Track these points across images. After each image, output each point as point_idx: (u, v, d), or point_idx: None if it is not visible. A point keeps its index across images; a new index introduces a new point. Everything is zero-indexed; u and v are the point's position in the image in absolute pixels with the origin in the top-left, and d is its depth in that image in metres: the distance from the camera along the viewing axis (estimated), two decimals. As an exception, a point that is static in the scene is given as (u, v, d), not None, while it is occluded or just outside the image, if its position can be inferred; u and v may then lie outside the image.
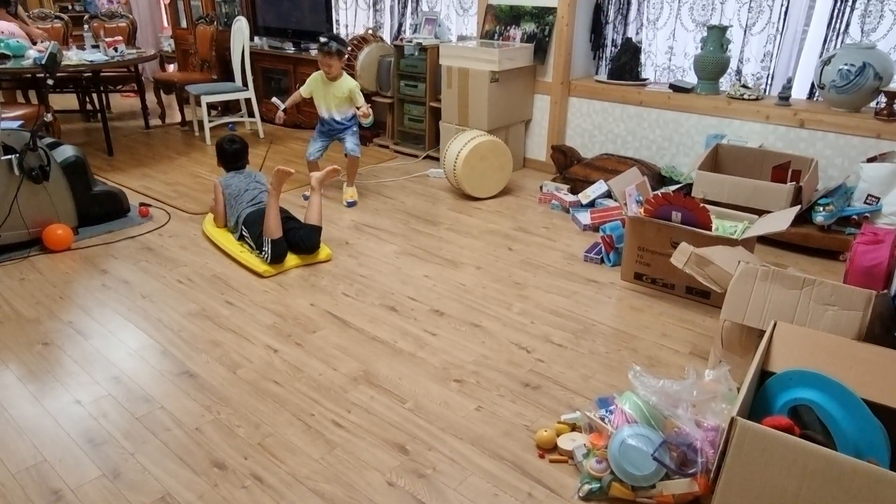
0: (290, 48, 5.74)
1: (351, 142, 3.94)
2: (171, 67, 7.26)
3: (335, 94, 3.85)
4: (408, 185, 4.32)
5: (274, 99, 4.09)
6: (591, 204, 3.75)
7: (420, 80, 4.80)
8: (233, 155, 3.47)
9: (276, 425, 2.02)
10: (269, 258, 3.00)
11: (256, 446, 1.93)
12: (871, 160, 3.23)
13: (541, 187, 4.13)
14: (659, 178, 3.87)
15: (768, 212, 2.92)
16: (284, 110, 3.99)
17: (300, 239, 3.09)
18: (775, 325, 1.90)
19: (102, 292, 2.85)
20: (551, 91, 4.44)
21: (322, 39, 3.77)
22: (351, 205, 3.91)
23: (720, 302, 2.19)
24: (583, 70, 4.49)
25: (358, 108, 3.79)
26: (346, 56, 3.86)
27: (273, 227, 2.99)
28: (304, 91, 3.93)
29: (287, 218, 3.16)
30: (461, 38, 4.96)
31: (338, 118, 3.92)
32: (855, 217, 3.15)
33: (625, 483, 1.71)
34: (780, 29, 3.69)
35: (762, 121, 3.65)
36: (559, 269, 3.12)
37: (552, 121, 4.51)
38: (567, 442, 1.90)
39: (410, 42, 4.78)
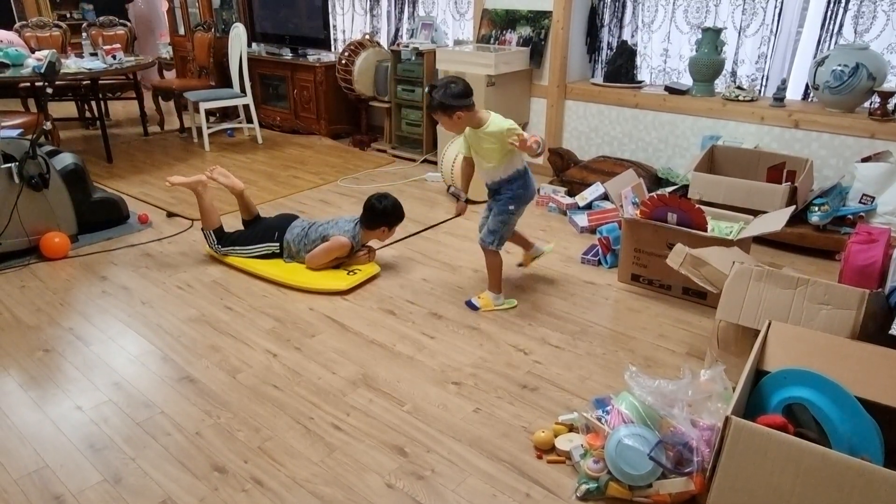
0: (287, 54, 5.77)
1: (486, 226, 2.77)
2: (170, 74, 7.28)
3: (484, 147, 2.63)
4: (406, 189, 4.33)
5: (451, 189, 3.14)
6: (588, 206, 3.77)
7: (417, 84, 4.82)
8: (382, 212, 3.02)
9: (276, 429, 2.03)
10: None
11: (256, 450, 1.94)
12: (865, 160, 3.25)
13: (538, 190, 4.14)
14: (655, 180, 3.89)
15: (764, 212, 2.93)
16: (466, 200, 2.85)
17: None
18: (770, 324, 1.91)
19: (103, 299, 2.86)
20: (547, 94, 4.46)
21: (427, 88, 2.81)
22: (470, 305, 2.81)
23: (716, 302, 2.20)
24: (579, 73, 4.51)
25: (513, 141, 2.49)
26: (464, 107, 2.54)
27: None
28: (463, 150, 2.77)
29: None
30: (458, 42, 4.99)
31: (491, 180, 2.71)
32: (850, 217, 3.16)
33: (622, 483, 1.72)
34: (774, 30, 3.71)
35: (757, 122, 3.67)
36: (556, 272, 3.14)
37: (549, 124, 4.53)
38: (564, 442, 1.91)
39: (407, 47, 4.80)
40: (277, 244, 3.11)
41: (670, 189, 3.61)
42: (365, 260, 3.14)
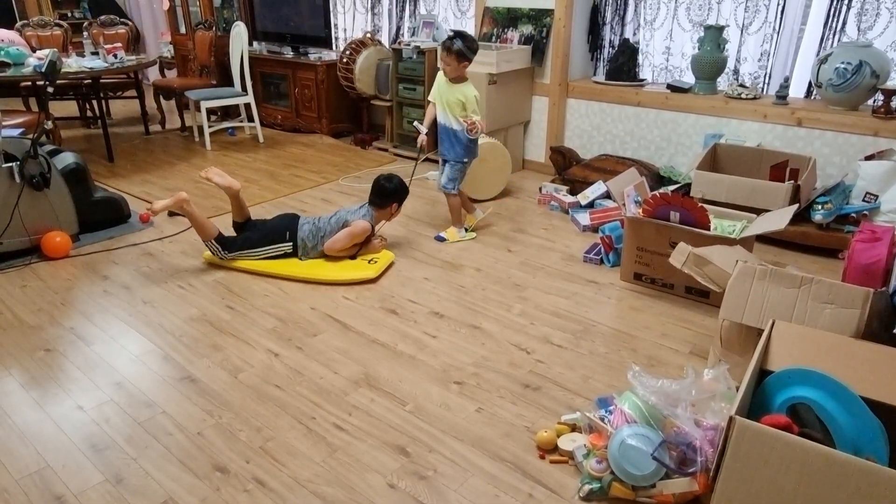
0: (288, 53, 5.76)
1: (445, 175, 3.45)
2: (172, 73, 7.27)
3: (451, 100, 3.31)
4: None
5: (415, 123, 3.52)
6: (591, 205, 3.76)
7: (419, 83, 4.81)
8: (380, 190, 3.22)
9: (278, 429, 2.03)
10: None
11: (258, 450, 1.94)
12: (868, 158, 3.24)
13: (540, 189, 4.13)
14: (657, 179, 3.88)
15: (767, 211, 2.92)
16: (427, 133, 3.46)
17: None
18: (774, 323, 1.91)
19: (104, 298, 2.86)
20: (549, 93, 4.45)
21: (449, 33, 3.28)
22: (439, 239, 3.48)
23: (719, 301, 2.19)
24: (580, 71, 4.50)
25: (466, 118, 3.24)
26: (470, 61, 3.24)
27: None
28: (431, 95, 3.44)
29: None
30: (459, 40, 4.97)
31: (446, 124, 3.36)
32: (853, 215, 3.15)
33: (625, 483, 1.71)
34: (777, 28, 3.69)
35: (760, 120, 3.66)
36: (559, 271, 3.13)
37: (551, 122, 4.52)
38: (567, 442, 1.90)
39: (409, 45, 4.79)
40: (290, 244, 3.11)
41: (673, 187, 3.60)
42: (380, 247, 3.24)
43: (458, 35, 3.20)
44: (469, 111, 3.25)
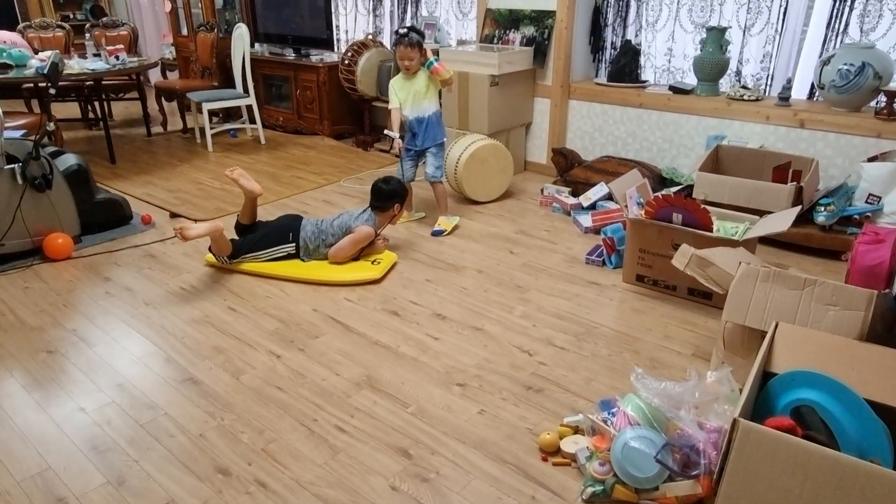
0: (290, 54, 5.77)
1: (431, 164, 3.58)
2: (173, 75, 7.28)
3: (416, 89, 3.50)
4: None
5: (386, 132, 3.58)
6: (593, 206, 3.75)
7: (420, 84, 4.81)
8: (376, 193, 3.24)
9: (280, 431, 2.02)
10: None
11: (260, 452, 1.93)
12: (871, 160, 3.23)
13: (542, 190, 4.13)
14: (660, 180, 3.87)
15: (769, 212, 2.92)
16: (401, 137, 3.56)
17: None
18: (777, 325, 1.90)
19: (106, 300, 2.86)
20: (551, 94, 4.45)
21: (401, 31, 3.44)
22: (437, 233, 3.57)
23: (722, 303, 2.19)
24: (582, 73, 4.50)
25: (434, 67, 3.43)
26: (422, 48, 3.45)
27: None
28: (393, 102, 3.54)
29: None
30: (461, 42, 4.98)
31: (419, 115, 3.51)
32: (856, 217, 3.14)
33: (628, 485, 1.71)
34: (780, 29, 3.69)
35: (762, 121, 3.65)
36: (561, 272, 3.12)
37: (552, 124, 4.52)
38: (570, 445, 1.90)
39: (410, 47, 4.79)
40: (293, 244, 3.11)
41: (675, 189, 3.60)
42: (382, 248, 3.25)
43: (411, 29, 3.44)
44: (430, 84, 3.49)
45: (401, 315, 2.73)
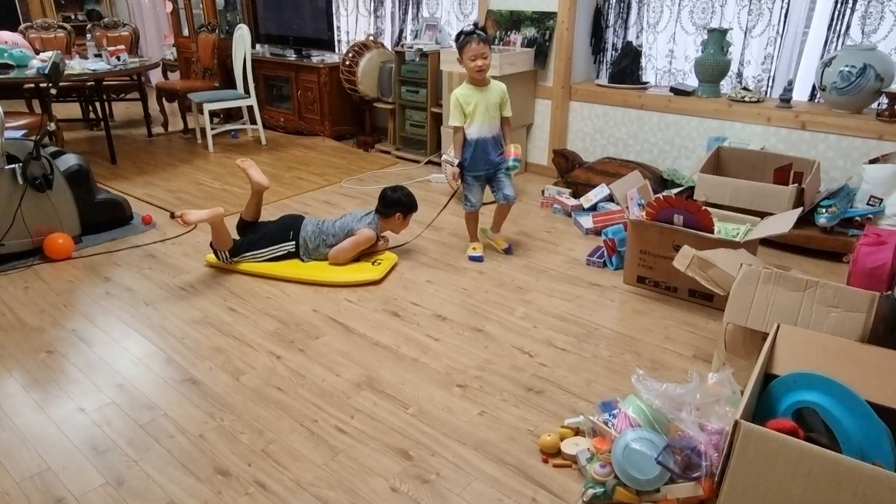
0: (291, 55, 5.77)
1: (509, 186, 3.17)
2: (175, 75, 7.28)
3: (489, 101, 3.02)
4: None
5: (445, 158, 3.11)
6: (594, 208, 3.75)
7: (421, 85, 4.81)
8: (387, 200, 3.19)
9: (280, 432, 2.02)
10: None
11: (260, 453, 1.93)
12: (873, 161, 3.23)
13: (543, 191, 4.13)
14: (661, 182, 3.87)
15: (770, 214, 2.91)
16: (461, 164, 3.10)
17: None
18: (778, 327, 1.89)
19: (106, 300, 2.85)
20: (552, 95, 4.45)
21: (466, 28, 2.90)
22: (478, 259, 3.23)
23: (723, 305, 2.18)
24: (583, 74, 4.50)
25: (504, 118, 3.08)
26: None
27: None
28: (456, 120, 3.05)
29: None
30: (462, 43, 4.97)
31: (494, 133, 3.10)
32: (858, 219, 3.14)
33: (629, 487, 1.70)
34: (781, 31, 3.69)
35: (763, 123, 3.65)
36: (561, 273, 3.12)
37: (553, 125, 4.51)
38: (571, 446, 1.89)
39: (411, 48, 4.79)
40: (293, 243, 3.11)
41: (676, 190, 3.59)
42: (382, 249, 3.25)
43: (476, 26, 2.95)
44: (505, 104, 3.09)
45: (401, 316, 2.73)
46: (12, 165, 3.08)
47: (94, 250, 3.36)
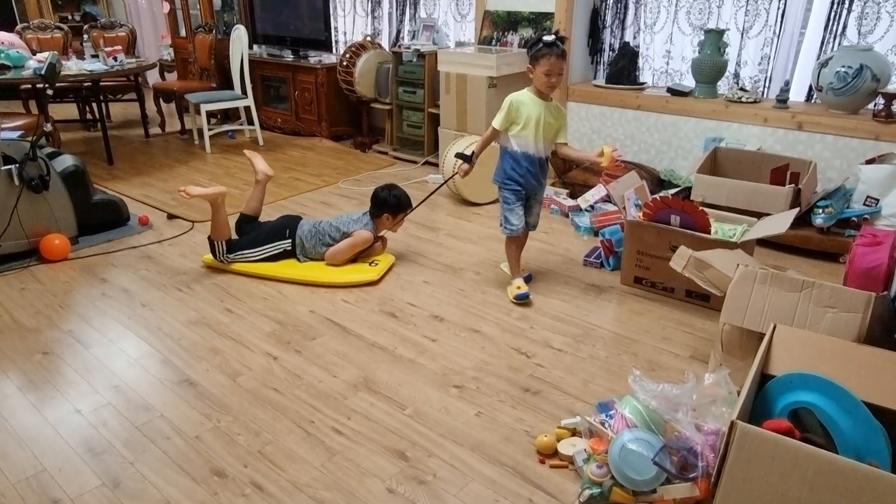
0: (288, 56, 5.76)
1: (537, 214, 2.93)
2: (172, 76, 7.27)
3: (549, 117, 2.68)
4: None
5: (462, 152, 2.87)
6: (591, 208, 3.75)
7: (418, 86, 4.81)
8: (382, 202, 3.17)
9: (276, 433, 2.01)
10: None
11: (256, 454, 1.92)
12: (869, 162, 3.23)
13: (540, 192, 4.12)
14: (658, 182, 3.87)
15: (767, 214, 2.91)
16: (471, 159, 2.84)
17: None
18: (775, 327, 1.90)
19: (102, 301, 2.85)
20: (549, 96, 4.44)
21: (546, 39, 2.53)
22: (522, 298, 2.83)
23: (720, 305, 2.18)
24: (580, 75, 4.50)
25: (561, 146, 2.75)
26: None
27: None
28: (498, 122, 2.71)
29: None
30: (459, 44, 4.98)
31: (546, 152, 2.78)
32: (854, 219, 3.14)
33: (625, 488, 1.70)
34: (778, 32, 3.69)
35: (760, 123, 3.65)
36: (559, 274, 3.12)
37: (551, 125, 4.51)
38: (567, 447, 1.89)
39: (409, 48, 4.79)
40: (289, 241, 3.11)
41: (673, 191, 3.59)
42: (380, 249, 3.25)
43: (556, 35, 2.58)
44: (563, 129, 2.75)
45: (398, 317, 2.72)
46: (9, 166, 3.07)
47: (91, 251, 3.35)
